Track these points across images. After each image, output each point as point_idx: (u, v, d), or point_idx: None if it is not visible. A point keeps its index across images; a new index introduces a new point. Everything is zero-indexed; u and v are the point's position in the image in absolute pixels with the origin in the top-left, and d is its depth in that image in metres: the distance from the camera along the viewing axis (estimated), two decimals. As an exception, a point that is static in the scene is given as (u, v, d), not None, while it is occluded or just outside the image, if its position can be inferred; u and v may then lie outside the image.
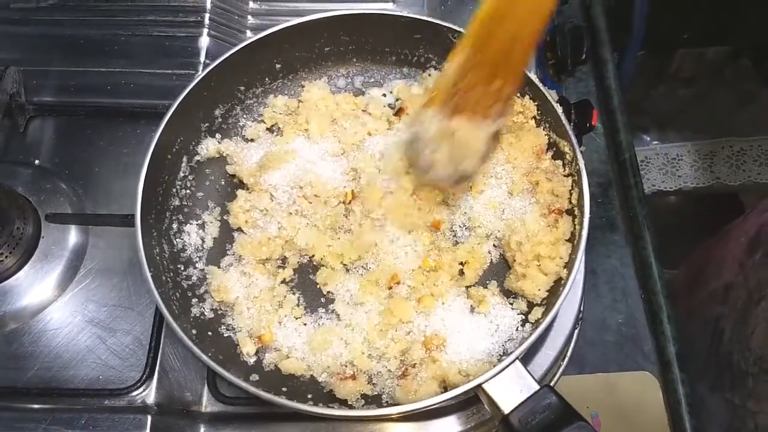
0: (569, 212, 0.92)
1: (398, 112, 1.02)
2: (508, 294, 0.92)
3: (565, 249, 0.88)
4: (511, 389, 0.75)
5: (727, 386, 1.12)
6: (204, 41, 1.17)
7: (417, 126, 0.83)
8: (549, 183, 0.93)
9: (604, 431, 1.07)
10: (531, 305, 0.90)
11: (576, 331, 1.00)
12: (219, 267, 0.94)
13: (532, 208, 0.93)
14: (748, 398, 1.06)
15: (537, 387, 0.74)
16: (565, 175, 0.93)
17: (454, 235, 0.96)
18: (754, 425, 1.05)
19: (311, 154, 0.99)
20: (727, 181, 2.06)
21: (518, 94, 0.98)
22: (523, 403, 0.73)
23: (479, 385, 0.75)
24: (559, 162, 0.95)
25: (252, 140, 1.03)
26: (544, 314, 0.83)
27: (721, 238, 1.31)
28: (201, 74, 0.94)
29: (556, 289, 0.87)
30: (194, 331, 0.85)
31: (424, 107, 0.82)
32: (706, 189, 2.06)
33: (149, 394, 0.93)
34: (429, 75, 1.05)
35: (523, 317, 0.89)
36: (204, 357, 0.78)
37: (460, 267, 0.93)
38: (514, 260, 0.91)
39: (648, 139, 2.12)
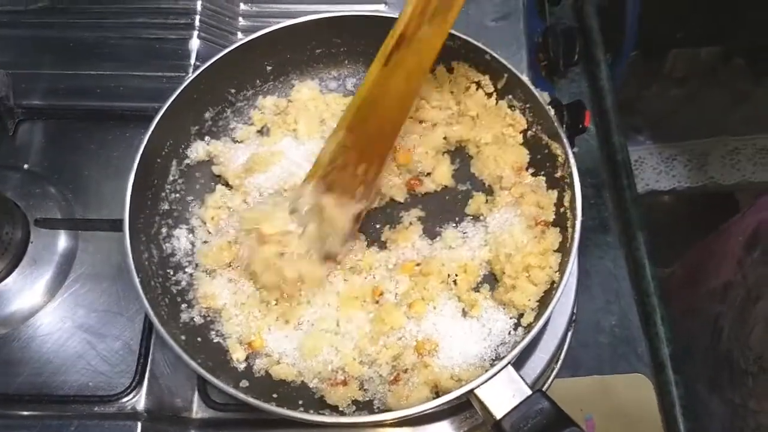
0: (555, 224, 0.91)
1: None
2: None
3: (555, 258, 0.87)
4: (503, 394, 0.74)
5: (727, 385, 1.12)
6: (194, 43, 1.15)
7: (296, 198, 0.85)
8: (534, 195, 0.93)
9: (598, 434, 1.07)
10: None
11: (569, 334, 1.00)
12: (206, 273, 0.93)
13: (519, 220, 0.92)
14: (748, 397, 1.06)
15: (529, 392, 0.74)
16: (551, 187, 0.93)
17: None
18: (755, 425, 1.05)
19: (297, 156, 0.98)
20: (721, 180, 2.06)
21: (509, 108, 0.98)
22: (515, 408, 0.72)
23: (471, 391, 0.75)
24: (541, 178, 0.94)
25: (241, 142, 1.03)
26: (536, 318, 0.82)
27: (720, 235, 1.31)
28: (190, 77, 0.93)
29: (548, 292, 0.87)
30: (183, 337, 0.84)
31: (305, 181, 0.85)
32: (700, 188, 2.06)
33: (139, 401, 0.92)
34: None
35: (516, 321, 0.88)
36: (193, 364, 0.77)
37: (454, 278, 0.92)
38: (503, 273, 0.90)
39: (641, 138, 2.11)
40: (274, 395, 0.83)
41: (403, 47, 0.74)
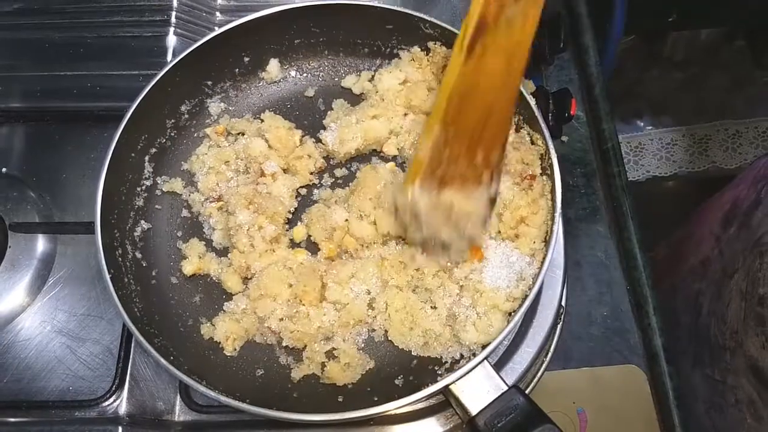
0: (542, 174, 0.89)
1: None
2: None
3: (545, 201, 0.86)
4: (478, 390, 0.73)
5: (706, 361, 1.11)
6: (171, 40, 1.14)
7: (403, 204, 0.80)
8: (517, 152, 0.89)
9: (591, 426, 1.05)
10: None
11: (558, 326, 0.98)
12: None
13: (504, 178, 0.89)
14: (726, 373, 1.05)
15: (505, 387, 0.72)
16: (533, 144, 0.91)
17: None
18: (734, 400, 1.03)
19: None
20: (723, 164, 2.04)
21: None
22: (490, 404, 0.71)
23: (446, 386, 0.73)
24: (523, 132, 0.91)
25: None
26: (512, 315, 0.80)
27: (701, 213, 1.30)
28: (159, 75, 0.91)
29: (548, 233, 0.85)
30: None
31: (404, 186, 0.79)
32: (702, 173, 2.04)
33: (120, 405, 0.92)
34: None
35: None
36: (168, 365, 0.76)
37: None
38: (499, 231, 0.88)
39: (642, 124, 2.09)
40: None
41: (490, 32, 0.71)
